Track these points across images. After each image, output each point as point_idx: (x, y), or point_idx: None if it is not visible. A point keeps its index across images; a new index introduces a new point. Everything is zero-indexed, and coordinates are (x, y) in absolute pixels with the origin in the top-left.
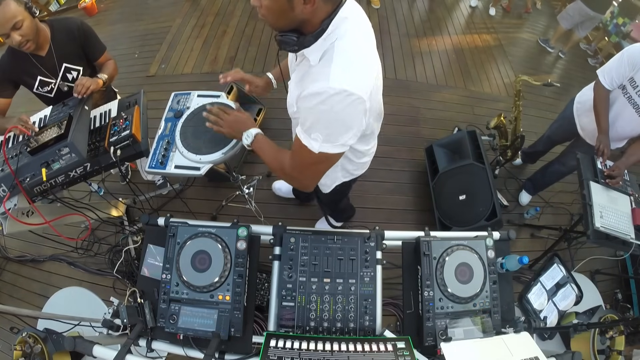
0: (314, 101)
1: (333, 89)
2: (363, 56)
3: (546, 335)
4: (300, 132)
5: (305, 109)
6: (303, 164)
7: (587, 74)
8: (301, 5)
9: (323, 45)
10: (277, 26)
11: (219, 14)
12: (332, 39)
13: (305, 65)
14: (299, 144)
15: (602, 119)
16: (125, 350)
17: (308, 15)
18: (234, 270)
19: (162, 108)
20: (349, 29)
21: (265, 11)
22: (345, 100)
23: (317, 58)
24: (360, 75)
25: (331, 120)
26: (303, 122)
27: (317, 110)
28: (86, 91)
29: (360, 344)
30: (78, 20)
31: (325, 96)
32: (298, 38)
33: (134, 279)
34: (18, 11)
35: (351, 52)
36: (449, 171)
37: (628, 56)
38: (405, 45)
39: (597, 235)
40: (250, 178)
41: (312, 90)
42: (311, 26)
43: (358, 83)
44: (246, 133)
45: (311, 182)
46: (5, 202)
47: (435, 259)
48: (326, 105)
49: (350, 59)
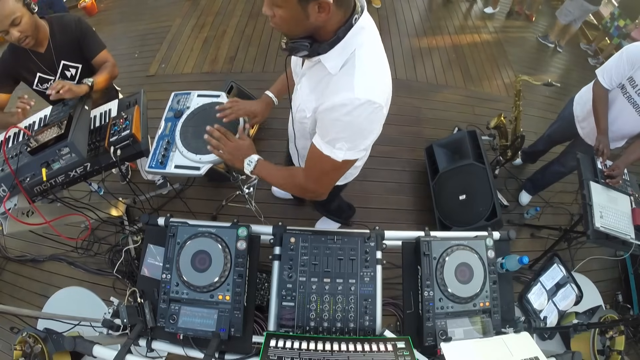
0: (339, 112)
1: (359, 99)
2: (381, 65)
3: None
4: (321, 143)
5: (329, 120)
6: (322, 173)
7: (587, 74)
8: (316, 14)
9: (342, 53)
10: (291, 34)
11: (219, 13)
12: (352, 48)
13: (321, 72)
14: (319, 154)
15: (601, 119)
16: (125, 350)
17: (322, 23)
18: (234, 270)
19: (162, 108)
20: (366, 38)
21: (279, 21)
22: (369, 109)
23: (338, 66)
24: (380, 84)
25: (356, 130)
26: (325, 134)
27: (344, 122)
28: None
29: (360, 344)
30: (76, 17)
31: (352, 107)
32: (311, 44)
33: (134, 279)
34: (16, 7)
35: (372, 62)
36: (449, 171)
37: (627, 55)
38: (405, 45)
39: (597, 235)
40: (250, 178)
41: (336, 102)
42: (325, 33)
43: (379, 92)
44: (247, 160)
45: (326, 190)
46: (5, 202)
47: (435, 259)
48: (352, 116)
49: (372, 69)
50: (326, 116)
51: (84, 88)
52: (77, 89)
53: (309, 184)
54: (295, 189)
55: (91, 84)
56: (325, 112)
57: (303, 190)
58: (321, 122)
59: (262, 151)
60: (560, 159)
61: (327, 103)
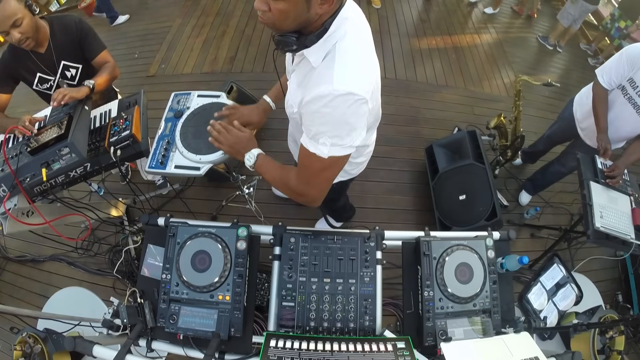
0: (318, 104)
1: (337, 91)
2: (364, 57)
3: (546, 335)
4: (306, 140)
5: (309, 113)
6: (311, 173)
7: (587, 74)
8: (318, 5)
9: (324, 46)
10: (283, 28)
11: (219, 14)
12: (334, 40)
13: (306, 67)
14: (306, 152)
15: (600, 119)
16: (125, 350)
17: (320, 15)
18: (234, 270)
19: (162, 108)
20: (349, 29)
21: (277, 14)
22: (349, 101)
23: (319, 59)
24: (362, 76)
25: (337, 122)
26: (308, 129)
27: (323, 113)
28: (62, 98)
29: (360, 344)
30: (77, 18)
31: (330, 98)
32: (298, 38)
33: (134, 279)
34: (18, 9)
35: (353, 53)
36: (449, 171)
37: (627, 56)
38: (405, 45)
39: (597, 235)
40: (250, 178)
41: (316, 94)
42: (314, 26)
43: (361, 84)
44: (248, 154)
45: (319, 194)
46: (5, 202)
47: (435, 259)
48: (330, 108)
49: (353, 61)
50: (307, 109)
51: (85, 91)
52: (77, 95)
53: (300, 187)
54: (288, 191)
55: (92, 85)
56: (306, 105)
57: (295, 193)
58: (304, 117)
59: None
60: (560, 159)
61: (308, 96)
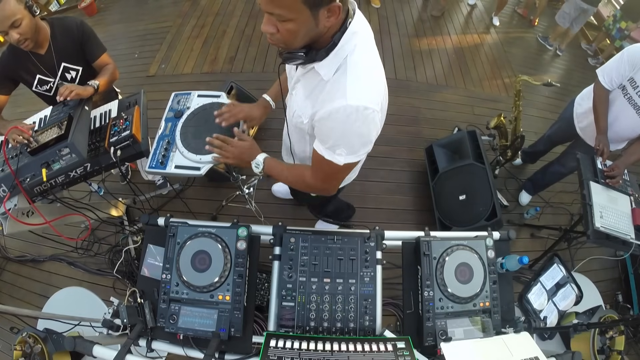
0: (334, 119)
1: (351, 106)
2: (374, 69)
3: (546, 335)
4: (322, 149)
5: (326, 128)
6: (326, 175)
7: (587, 74)
8: (325, 19)
9: (335, 60)
10: (295, 46)
11: (219, 14)
12: (344, 54)
13: (314, 78)
14: (322, 158)
15: (600, 119)
16: (125, 350)
17: (328, 28)
18: (234, 270)
19: (162, 108)
20: (358, 42)
21: (286, 35)
22: (363, 115)
23: (331, 73)
24: (374, 89)
25: (353, 136)
26: (324, 140)
27: (339, 128)
28: (69, 94)
29: (360, 344)
30: (78, 20)
31: (345, 114)
32: (306, 53)
33: (134, 279)
34: (17, 9)
35: (364, 67)
36: (449, 171)
37: (628, 56)
38: (405, 45)
39: (597, 235)
40: (250, 178)
41: (330, 109)
42: (324, 39)
43: (373, 96)
44: (254, 162)
45: (334, 187)
46: (5, 202)
47: (435, 259)
48: (347, 124)
49: (364, 74)
50: (323, 125)
51: (90, 91)
52: (83, 92)
53: (317, 184)
54: (305, 188)
55: (97, 86)
56: (321, 120)
57: (312, 188)
58: (319, 130)
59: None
60: (560, 159)
61: (322, 111)
